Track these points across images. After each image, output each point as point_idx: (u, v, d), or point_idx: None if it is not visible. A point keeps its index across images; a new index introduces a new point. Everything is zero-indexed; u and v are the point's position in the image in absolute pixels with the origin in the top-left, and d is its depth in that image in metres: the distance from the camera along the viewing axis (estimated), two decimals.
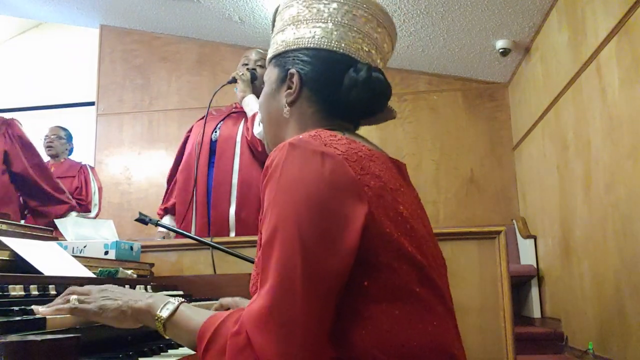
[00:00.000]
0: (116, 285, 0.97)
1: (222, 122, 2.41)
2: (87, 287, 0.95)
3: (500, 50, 4.35)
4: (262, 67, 2.45)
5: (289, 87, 0.99)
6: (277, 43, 1.03)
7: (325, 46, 0.97)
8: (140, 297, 0.91)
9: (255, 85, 2.39)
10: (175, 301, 0.89)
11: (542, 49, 4.05)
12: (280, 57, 1.02)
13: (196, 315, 0.86)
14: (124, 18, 5.36)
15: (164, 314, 0.87)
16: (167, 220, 2.46)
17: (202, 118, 2.57)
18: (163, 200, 2.54)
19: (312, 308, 0.75)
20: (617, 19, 2.74)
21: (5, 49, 6.40)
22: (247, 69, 2.44)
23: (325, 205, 0.78)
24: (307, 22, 0.99)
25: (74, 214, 3.05)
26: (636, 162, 2.61)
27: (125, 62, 5.57)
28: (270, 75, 1.03)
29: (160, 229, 2.18)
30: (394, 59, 5.08)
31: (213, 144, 2.34)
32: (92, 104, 5.62)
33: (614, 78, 2.83)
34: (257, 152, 2.28)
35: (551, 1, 3.70)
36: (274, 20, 1.08)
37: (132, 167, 5.40)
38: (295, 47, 0.99)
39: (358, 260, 0.80)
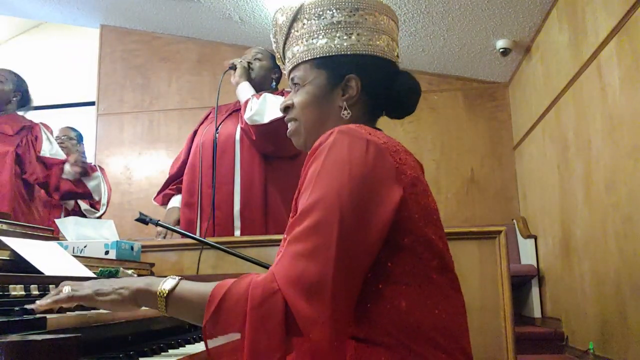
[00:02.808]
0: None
1: (223, 122, 2.42)
2: (79, 282, 0.96)
3: (501, 50, 4.35)
4: (260, 60, 2.49)
5: (345, 91, 1.04)
6: (316, 45, 1.05)
7: (377, 53, 1.05)
8: (135, 279, 0.93)
9: (250, 75, 2.44)
10: (174, 277, 0.90)
11: (543, 48, 4.05)
12: (328, 60, 1.05)
13: (200, 285, 0.88)
14: (124, 18, 5.36)
15: (166, 287, 0.88)
16: (177, 199, 2.46)
17: (208, 116, 2.57)
18: (169, 183, 2.53)
19: (341, 276, 0.80)
20: (617, 18, 2.74)
21: (6, 49, 6.40)
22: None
23: (366, 185, 0.85)
24: (353, 28, 1.05)
25: (84, 206, 3.05)
26: (637, 161, 2.61)
27: (126, 62, 5.57)
28: (316, 77, 1.06)
29: (159, 228, 2.18)
30: None
31: (215, 145, 2.35)
32: (92, 104, 5.61)
33: (615, 78, 2.83)
34: (251, 141, 2.29)
35: (551, 1, 3.70)
36: (295, 17, 1.08)
37: (133, 167, 5.40)
38: (348, 52, 1.05)
39: (385, 241, 0.86)
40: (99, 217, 3.70)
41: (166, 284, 0.88)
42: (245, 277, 0.85)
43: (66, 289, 0.92)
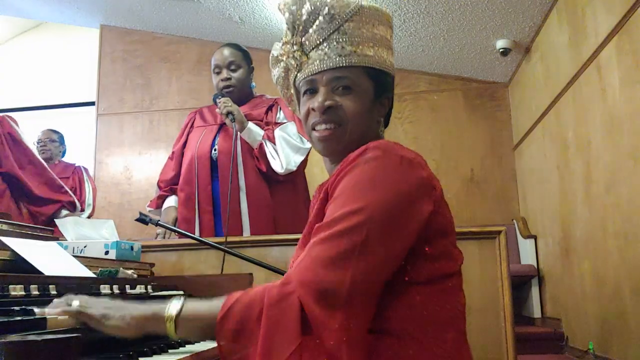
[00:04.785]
0: (109, 299, 0.98)
1: (218, 136, 2.35)
2: (84, 297, 0.95)
3: (501, 50, 4.35)
4: (234, 70, 2.36)
5: (380, 109, 1.08)
6: (374, 55, 1.03)
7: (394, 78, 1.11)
8: (140, 306, 0.93)
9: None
10: (178, 298, 0.91)
11: (543, 48, 4.05)
12: (379, 73, 1.05)
13: (207, 301, 0.89)
14: (124, 18, 5.36)
15: (173, 311, 0.88)
16: (173, 199, 2.43)
17: (192, 124, 2.52)
18: (161, 190, 2.48)
19: (359, 286, 0.81)
20: (617, 18, 2.74)
21: (6, 49, 6.40)
22: (226, 84, 2.35)
23: (398, 201, 0.87)
24: (391, 48, 1.09)
25: (64, 212, 3.00)
26: (637, 161, 2.61)
27: (126, 62, 5.57)
28: (368, 86, 1.04)
29: (159, 228, 2.17)
30: (394, 58, 5.04)
31: (214, 162, 2.30)
32: (92, 104, 5.61)
33: (615, 78, 2.83)
34: (272, 180, 2.27)
35: (551, 1, 3.70)
36: (351, 16, 1.03)
37: (133, 167, 5.40)
38: (391, 71, 1.08)
39: (410, 249, 0.88)
40: (88, 217, 3.69)
41: (172, 308, 0.89)
42: (254, 288, 0.87)
43: (75, 303, 0.93)
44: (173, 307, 0.89)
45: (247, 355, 0.81)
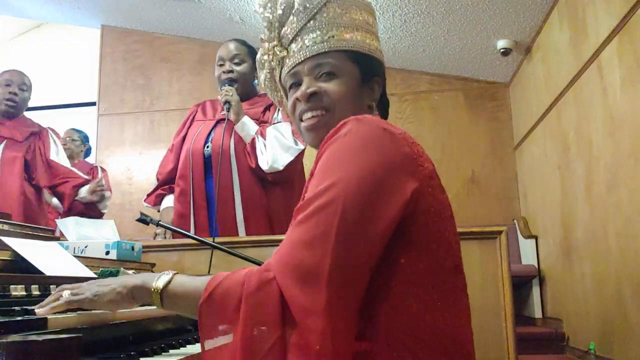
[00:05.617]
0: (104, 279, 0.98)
1: (212, 132, 2.33)
2: (76, 284, 0.96)
3: (502, 50, 4.35)
4: (238, 64, 2.35)
5: (371, 91, 1.04)
6: (354, 38, 1.01)
7: (383, 63, 1.08)
8: (132, 277, 0.94)
9: (236, 89, 2.30)
10: (168, 273, 0.90)
11: (543, 48, 4.05)
12: (363, 57, 1.02)
13: (194, 279, 0.88)
14: (125, 18, 5.36)
15: (160, 284, 0.88)
16: (171, 198, 2.42)
17: (194, 117, 2.52)
18: (159, 187, 2.47)
19: (339, 267, 0.76)
20: (618, 18, 2.73)
21: (6, 49, 6.41)
22: (228, 76, 2.34)
23: (378, 175, 0.81)
24: (375, 33, 1.07)
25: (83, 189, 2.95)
26: (637, 161, 2.61)
27: (127, 62, 5.57)
28: (351, 70, 1.01)
29: (158, 228, 2.16)
30: (395, 59, 5.08)
31: (207, 159, 2.28)
32: (93, 104, 5.62)
33: (616, 78, 2.83)
34: (266, 181, 2.25)
35: (552, 1, 3.70)
36: (327, 1, 1.02)
37: (134, 167, 5.41)
38: (376, 55, 1.04)
39: (399, 234, 0.82)
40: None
41: (160, 281, 0.89)
42: (243, 268, 0.84)
43: (65, 293, 0.93)
44: (161, 280, 0.88)
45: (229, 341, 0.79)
